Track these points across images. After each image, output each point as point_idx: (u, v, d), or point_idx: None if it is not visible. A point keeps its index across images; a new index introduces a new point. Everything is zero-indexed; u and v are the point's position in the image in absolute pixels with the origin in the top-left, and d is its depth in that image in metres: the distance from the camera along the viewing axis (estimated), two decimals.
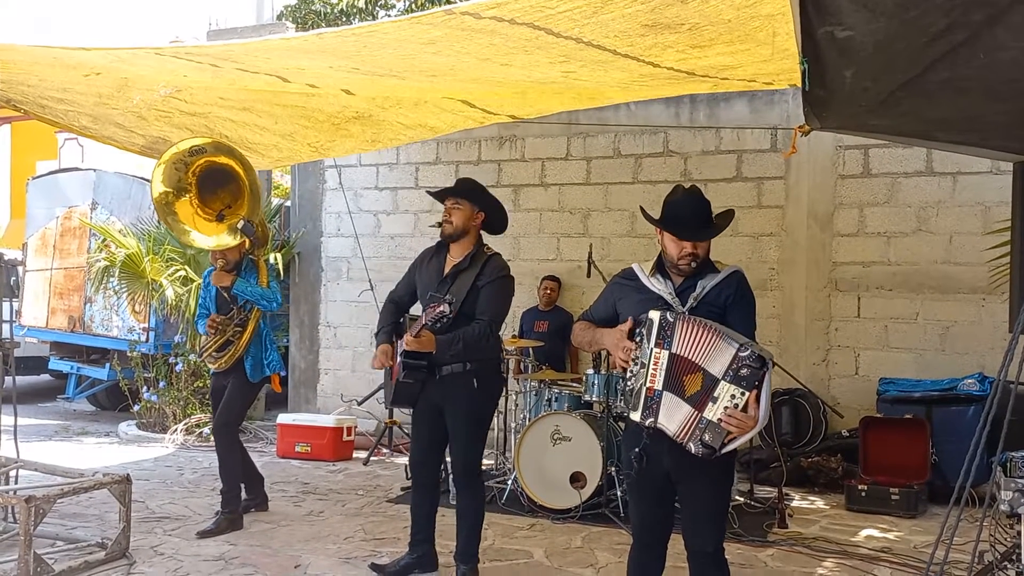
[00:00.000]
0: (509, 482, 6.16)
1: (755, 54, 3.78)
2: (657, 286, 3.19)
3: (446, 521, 4.83)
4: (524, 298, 8.20)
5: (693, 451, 2.93)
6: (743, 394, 2.86)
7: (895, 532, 5.64)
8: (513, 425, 6.72)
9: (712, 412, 2.89)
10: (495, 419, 6.89)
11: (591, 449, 5.71)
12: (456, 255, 4.24)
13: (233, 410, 5.48)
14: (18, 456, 4.90)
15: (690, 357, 2.94)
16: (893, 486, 6.09)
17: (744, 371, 2.85)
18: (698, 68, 4.17)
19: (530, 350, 7.04)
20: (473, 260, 4.19)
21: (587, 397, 6.04)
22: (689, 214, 3.17)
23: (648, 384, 3.00)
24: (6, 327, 5.15)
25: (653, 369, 2.98)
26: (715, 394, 2.88)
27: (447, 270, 4.23)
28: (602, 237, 8.04)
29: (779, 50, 3.59)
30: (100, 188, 9.73)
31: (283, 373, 5.72)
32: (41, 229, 10.13)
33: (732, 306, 3.13)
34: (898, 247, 7.17)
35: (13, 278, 10.29)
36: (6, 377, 4.88)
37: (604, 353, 5.95)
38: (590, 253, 6.92)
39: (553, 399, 6.31)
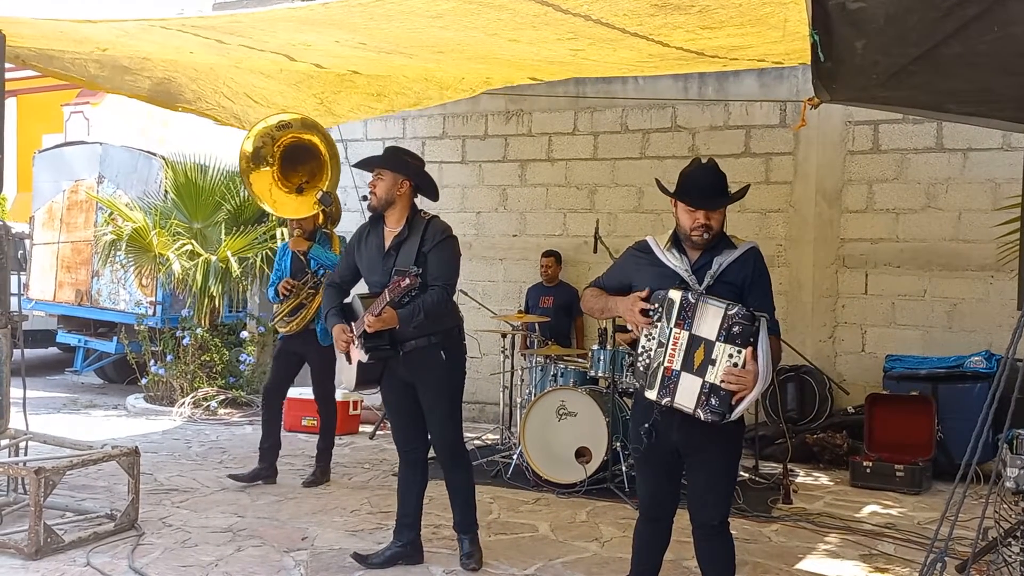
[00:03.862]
0: (514, 456, 6.19)
1: (766, 36, 3.75)
2: (673, 262, 3.15)
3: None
4: (530, 274, 8.20)
5: (703, 418, 2.92)
6: (740, 352, 2.86)
7: (899, 508, 5.66)
8: (519, 400, 6.74)
9: (713, 375, 2.89)
10: (500, 394, 6.97)
11: (596, 424, 5.72)
12: (393, 225, 4.08)
13: (328, 381, 5.87)
14: (27, 428, 4.94)
15: (699, 334, 2.94)
16: (898, 463, 6.10)
17: (736, 328, 2.86)
18: (708, 48, 4.14)
19: (536, 325, 7.05)
20: (412, 227, 4.04)
21: (593, 372, 6.05)
22: (703, 184, 3.13)
23: (667, 364, 2.99)
24: (14, 300, 5.17)
25: (672, 349, 2.97)
26: (713, 356, 2.88)
27: (388, 243, 4.05)
28: (609, 213, 8.02)
29: (790, 32, 3.56)
30: (106, 161, 9.73)
31: None
32: (48, 202, 10.13)
33: (751, 286, 3.10)
34: (906, 224, 7.13)
35: (20, 251, 10.32)
36: (15, 350, 4.91)
37: (610, 329, 5.98)
38: (597, 229, 6.90)
39: (559, 374, 6.33)
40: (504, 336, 6.95)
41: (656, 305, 3.03)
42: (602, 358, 5.95)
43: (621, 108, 8.05)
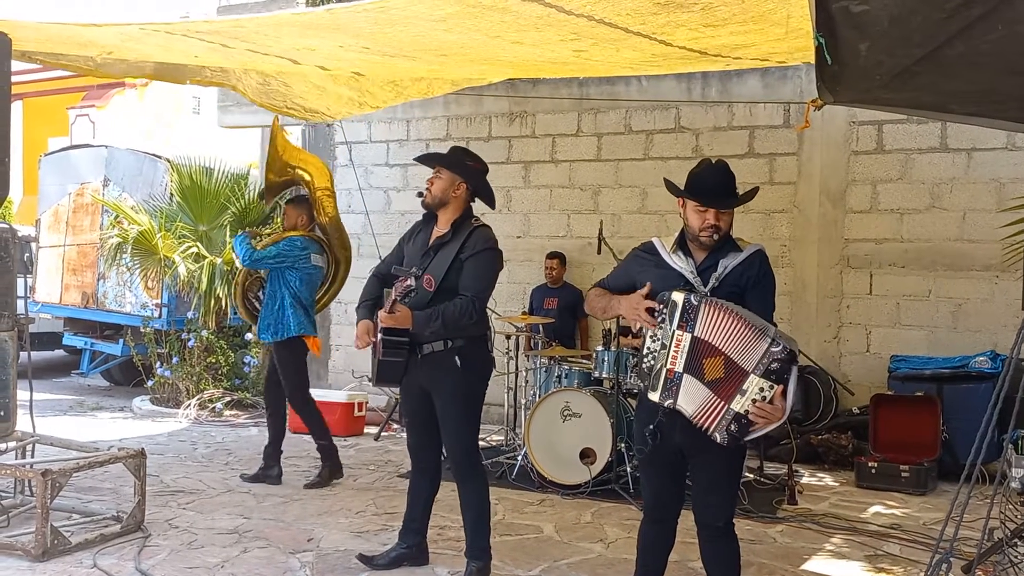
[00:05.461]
0: (519, 458, 6.20)
1: (768, 34, 3.75)
2: (678, 263, 3.15)
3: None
4: (534, 275, 8.21)
5: (719, 440, 2.94)
6: (772, 387, 2.86)
7: (905, 509, 5.66)
8: (523, 401, 6.75)
9: (740, 404, 2.89)
10: (505, 396, 6.98)
11: (601, 425, 5.73)
12: (442, 226, 4.00)
13: (287, 380, 5.89)
14: (34, 430, 4.95)
15: (712, 342, 2.93)
16: (903, 463, 6.10)
17: (775, 365, 2.85)
18: (711, 47, 4.14)
19: (540, 327, 7.05)
20: (456, 232, 3.95)
21: (597, 374, 6.06)
22: (714, 183, 3.12)
23: (669, 366, 2.99)
24: (20, 303, 5.19)
25: (674, 351, 2.97)
26: (744, 387, 2.88)
27: (431, 242, 4.00)
28: (613, 214, 8.02)
29: (793, 29, 3.56)
30: (112, 164, 9.76)
31: (311, 333, 5.87)
32: (54, 206, 10.17)
33: (753, 287, 3.10)
34: (911, 224, 7.12)
35: (27, 254, 10.35)
36: (21, 353, 4.92)
37: (613, 330, 5.99)
38: (600, 230, 6.91)
39: (563, 375, 6.33)
40: (508, 337, 6.95)
41: (661, 306, 3.02)
42: (606, 359, 5.95)
43: (625, 109, 8.06)
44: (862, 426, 6.68)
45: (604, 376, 6.02)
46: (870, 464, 6.18)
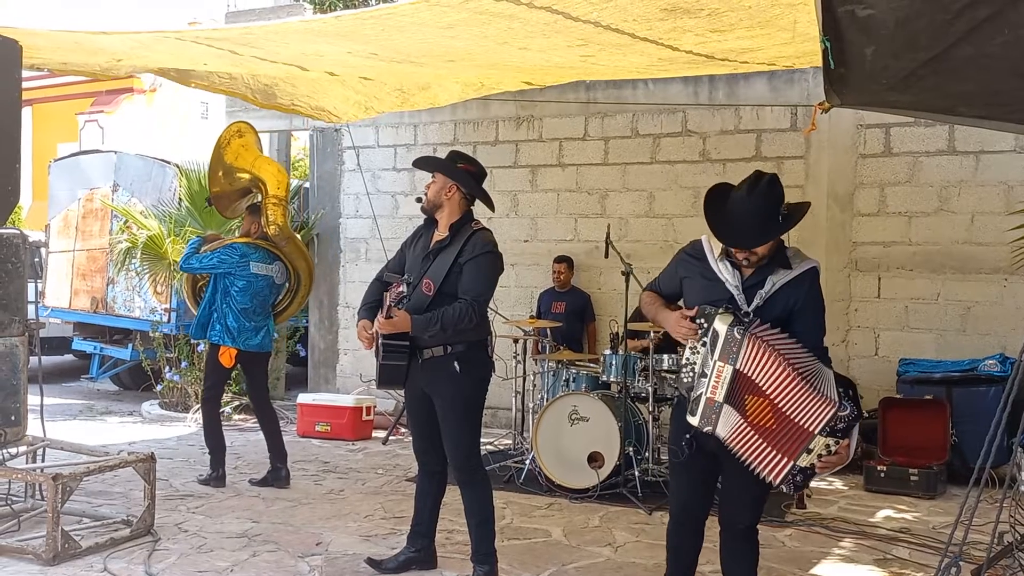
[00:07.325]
0: (527, 461, 6.20)
1: (775, 38, 3.76)
2: (724, 274, 3.08)
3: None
4: (542, 279, 8.21)
5: (784, 490, 2.99)
6: (837, 443, 2.88)
7: (914, 513, 5.64)
8: (531, 405, 6.75)
9: (806, 460, 2.91)
10: (512, 400, 6.98)
11: (609, 429, 5.73)
12: (441, 230, 4.02)
13: (203, 377, 5.99)
14: (44, 435, 4.98)
15: (755, 379, 2.91)
16: (912, 467, 6.08)
17: (840, 424, 2.86)
18: (717, 52, 4.15)
19: (548, 330, 7.05)
20: (456, 236, 3.96)
21: (604, 377, 6.06)
22: (741, 219, 3.00)
23: (709, 395, 2.99)
24: (30, 308, 5.22)
25: (715, 381, 2.97)
26: (810, 446, 2.88)
27: (431, 246, 4.02)
28: (620, 217, 8.02)
29: (800, 34, 3.57)
30: (121, 170, 9.80)
31: (229, 344, 5.77)
32: (63, 211, 10.22)
33: (800, 311, 3.03)
34: (919, 227, 7.10)
35: (36, 259, 10.40)
36: (31, 357, 4.95)
37: (621, 334, 6.00)
38: (608, 234, 6.90)
39: (571, 379, 6.33)
40: (516, 341, 6.95)
41: (702, 320, 3.01)
42: (614, 363, 5.95)
43: (631, 113, 8.06)
44: (871, 430, 6.66)
45: (612, 380, 6.02)
46: (879, 468, 6.17)
